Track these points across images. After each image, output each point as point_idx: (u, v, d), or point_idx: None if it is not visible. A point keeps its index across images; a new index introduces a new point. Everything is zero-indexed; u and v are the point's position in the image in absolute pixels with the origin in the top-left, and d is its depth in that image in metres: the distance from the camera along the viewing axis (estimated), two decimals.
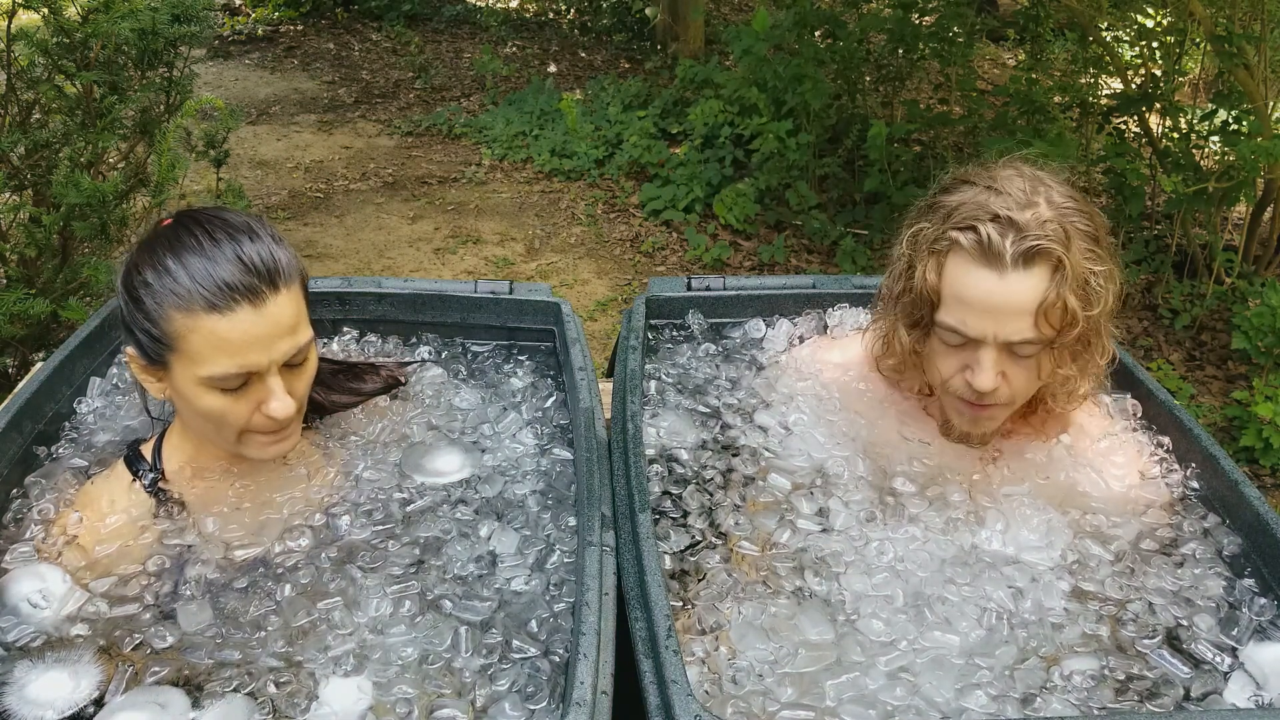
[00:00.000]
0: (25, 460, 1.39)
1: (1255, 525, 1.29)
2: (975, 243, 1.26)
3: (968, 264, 1.27)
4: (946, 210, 1.31)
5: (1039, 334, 1.26)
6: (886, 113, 5.24)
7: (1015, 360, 1.29)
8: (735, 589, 1.24)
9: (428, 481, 1.41)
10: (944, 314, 1.31)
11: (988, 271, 1.25)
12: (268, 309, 1.19)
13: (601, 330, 4.18)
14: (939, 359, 1.35)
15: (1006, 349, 1.28)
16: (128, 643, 1.14)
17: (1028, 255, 1.23)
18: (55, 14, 2.63)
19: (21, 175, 2.78)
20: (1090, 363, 1.34)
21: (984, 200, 1.28)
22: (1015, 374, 1.31)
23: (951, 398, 1.37)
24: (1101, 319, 1.30)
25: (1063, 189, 1.30)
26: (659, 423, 1.52)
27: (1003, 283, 1.24)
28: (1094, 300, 1.27)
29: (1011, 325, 1.26)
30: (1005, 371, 1.30)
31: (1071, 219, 1.27)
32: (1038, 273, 1.24)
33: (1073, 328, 1.26)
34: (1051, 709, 1.10)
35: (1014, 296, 1.24)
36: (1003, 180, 1.30)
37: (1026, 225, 1.24)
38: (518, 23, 8.59)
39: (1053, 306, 1.24)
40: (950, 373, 1.34)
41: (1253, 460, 3.36)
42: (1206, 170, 4.06)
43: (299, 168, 5.76)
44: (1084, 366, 1.34)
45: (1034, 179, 1.31)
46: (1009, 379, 1.31)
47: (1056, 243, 1.23)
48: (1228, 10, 3.84)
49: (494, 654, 1.15)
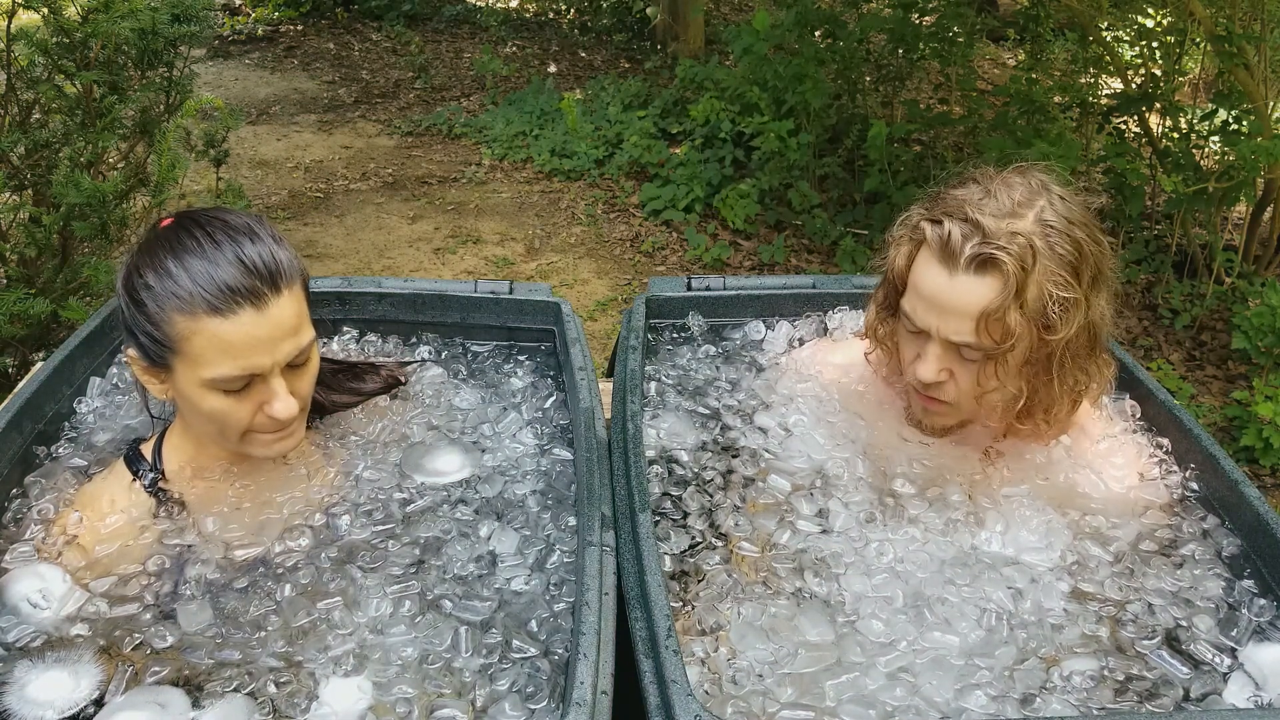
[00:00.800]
0: (25, 460, 1.39)
1: (1255, 525, 1.29)
2: (938, 238, 1.27)
3: (928, 257, 1.29)
4: (938, 200, 1.32)
5: (979, 341, 1.26)
6: (886, 113, 5.24)
7: (962, 362, 1.30)
8: (735, 590, 1.24)
9: (428, 481, 1.41)
10: (904, 300, 1.34)
11: (941, 268, 1.26)
12: (270, 311, 1.19)
13: (601, 330, 4.18)
14: (902, 343, 1.38)
15: (953, 348, 1.29)
16: (128, 643, 1.14)
17: (980, 261, 1.23)
18: (55, 14, 2.63)
19: (21, 175, 2.78)
20: (1048, 388, 1.32)
21: (972, 199, 1.28)
22: (961, 375, 1.31)
23: (910, 386, 1.39)
24: (1068, 345, 1.28)
25: (1066, 209, 1.28)
26: (659, 424, 1.52)
27: (951, 283, 1.25)
28: (1050, 324, 1.26)
29: (953, 325, 1.27)
30: (952, 370, 1.31)
31: (1052, 240, 1.25)
32: (988, 281, 1.23)
33: (1011, 344, 1.25)
34: (1051, 709, 1.10)
35: (959, 298, 1.25)
36: (1003, 184, 1.29)
37: (992, 233, 1.23)
38: (518, 23, 8.59)
39: (994, 318, 1.24)
40: (908, 360, 1.37)
41: (1253, 460, 3.36)
42: (1206, 170, 4.06)
43: (299, 168, 5.76)
44: (1041, 391, 1.33)
45: (1038, 191, 1.29)
46: (955, 378, 1.32)
47: (1013, 258, 1.21)
48: (1228, 10, 3.84)
49: (494, 654, 1.15)
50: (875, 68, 5.31)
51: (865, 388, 1.54)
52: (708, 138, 5.29)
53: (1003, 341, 1.25)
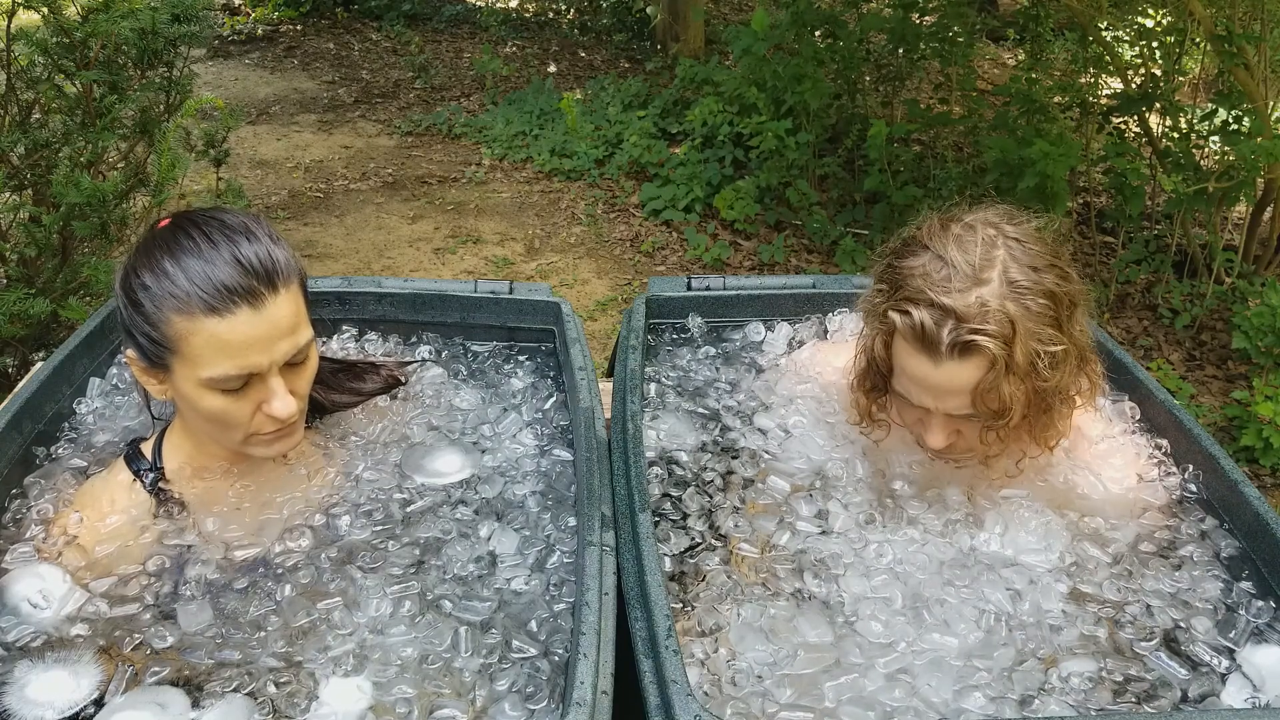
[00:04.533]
0: (25, 460, 1.39)
1: (1255, 525, 1.30)
2: (910, 329, 1.25)
3: (906, 346, 1.27)
4: (897, 279, 1.29)
5: (978, 410, 1.26)
6: (886, 112, 5.25)
7: (966, 422, 1.31)
8: (735, 591, 1.24)
9: (428, 482, 1.41)
10: (895, 382, 1.34)
11: (923, 357, 1.25)
12: (267, 310, 1.19)
13: (601, 330, 4.18)
14: (901, 411, 1.38)
15: (955, 415, 1.30)
16: (128, 643, 1.15)
17: (964, 348, 1.21)
18: (55, 14, 2.63)
19: (21, 175, 2.78)
20: (1050, 423, 1.33)
21: (930, 275, 1.24)
22: (968, 431, 1.32)
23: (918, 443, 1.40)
24: (1056, 388, 1.28)
25: (1026, 255, 1.24)
26: (659, 425, 1.52)
27: (938, 370, 1.24)
28: (1044, 378, 1.25)
29: (950, 402, 1.27)
30: (959, 429, 1.32)
31: (1025, 300, 1.22)
32: (973, 363, 1.22)
33: (1009, 412, 1.25)
34: (1049, 710, 1.10)
35: (950, 382, 1.25)
36: (956, 245, 1.25)
37: (965, 314, 1.20)
38: (518, 23, 8.58)
39: (989, 392, 1.24)
40: (910, 423, 1.38)
41: (1253, 460, 3.36)
42: (1206, 170, 4.07)
43: (299, 168, 5.76)
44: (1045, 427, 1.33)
45: (992, 243, 1.25)
46: (964, 434, 1.33)
47: (994, 338, 1.20)
48: (1228, 10, 3.84)
49: (494, 654, 1.15)
50: (875, 67, 5.31)
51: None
52: (707, 138, 5.29)
53: (1001, 411, 1.25)
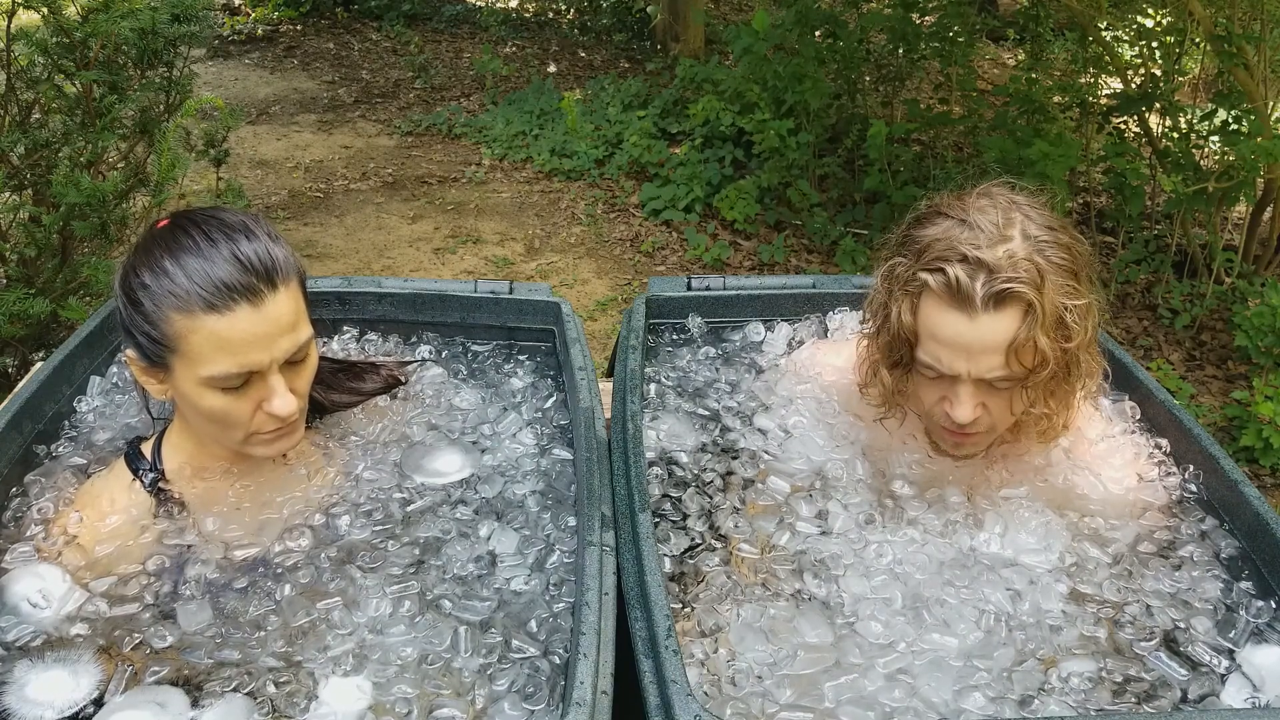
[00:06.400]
0: (25, 459, 1.39)
1: (1255, 525, 1.30)
2: (944, 285, 1.25)
3: (939, 305, 1.27)
4: (919, 247, 1.30)
5: (1011, 371, 1.26)
6: (886, 112, 5.25)
7: (993, 392, 1.30)
8: (734, 591, 1.24)
9: (428, 481, 1.41)
10: (921, 351, 1.31)
11: (958, 314, 1.25)
12: (267, 308, 1.19)
13: (601, 330, 4.18)
14: (921, 390, 1.36)
15: (984, 383, 1.29)
16: (128, 642, 1.14)
17: (998, 298, 1.22)
18: (55, 14, 2.63)
19: (21, 175, 2.78)
20: (1070, 394, 1.33)
21: (955, 236, 1.26)
22: (994, 404, 1.32)
23: (936, 424, 1.38)
24: (1080, 350, 1.29)
25: (1040, 217, 1.28)
26: (659, 425, 1.52)
27: (974, 325, 1.24)
28: (1071, 334, 1.26)
29: (985, 363, 1.26)
30: (984, 403, 1.31)
31: (1047, 253, 1.25)
32: (1009, 314, 1.23)
33: (1045, 365, 1.25)
34: (1049, 710, 1.10)
35: (985, 337, 1.24)
36: (975, 211, 1.28)
37: (997, 265, 1.22)
38: (518, 23, 8.58)
39: (1024, 346, 1.24)
40: (931, 403, 1.35)
41: (1253, 460, 3.36)
42: (1206, 170, 4.07)
43: (299, 168, 5.76)
44: (1063, 399, 1.34)
45: (1008, 208, 1.28)
46: (989, 409, 1.32)
47: (1027, 284, 1.21)
48: (1227, 10, 3.84)
49: (494, 654, 1.15)
50: (875, 67, 5.31)
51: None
52: (708, 137, 5.29)
53: (1037, 366, 1.25)
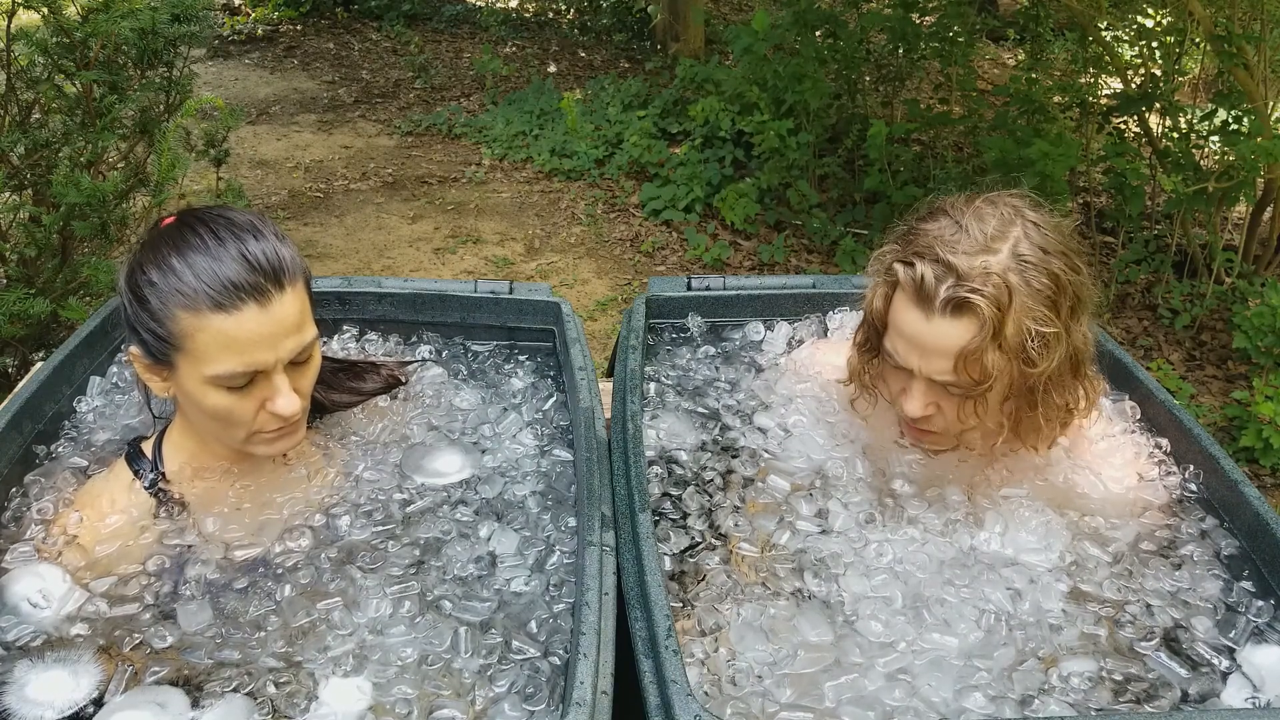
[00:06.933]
0: (25, 460, 1.39)
1: (1255, 525, 1.30)
2: (911, 281, 1.26)
3: (904, 299, 1.29)
4: (909, 239, 1.31)
5: (959, 379, 1.26)
6: (886, 112, 5.25)
7: (946, 396, 1.31)
8: (734, 590, 1.24)
9: (428, 482, 1.41)
10: (886, 340, 1.34)
11: (918, 312, 1.26)
12: (273, 308, 1.19)
13: (601, 330, 4.18)
14: (888, 377, 1.39)
15: (936, 384, 1.30)
16: (128, 642, 1.14)
17: (956, 305, 1.22)
18: (55, 14, 2.63)
19: (21, 175, 2.78)
20: (1034, 419, 1.33)
21: (943, 236, 1.27)
22: (947, 407, 1.32)
23: (899, 415, 1.40)
24: (1050, 376, 1.28)
25: (1041, 238, 1.26)
26: (659, 424, 1.52)
27: (929, 326, 1.25)
28: (1032, 359, 1.25)
29: (935, 364, 1.27)
30: (939, 403, 1.32)
31: (1027, 274, 1.24)
32: (965, 323, 1.23)
33: (987, 381, 1.25)
34: (1049, 710, 1.10)
35: (940, 340, 1.25)
36: (974, 217, 1.28)
37: (967, 273, 1.22)
38: (518, 22, 8.58)
39: (971, 358, 1.24)
40: (894, 393, 1.37)
41: (1253, 460, 3.36)
42: (1206, 170, 4.07)
43: (299, 167, 5.76)
44: (1029, 424, 1.33)
45: (1010, 221, 1.27)
46: (942, 410, 1.33)
47: (988, 299, 1.21)
48: (1227, 10, 3.84)
49: (494, 654, 1.15)
50: (875, 67, 5.31)
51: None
52: (708, 138, 5.29)
53: (981, 381, 1.25)
